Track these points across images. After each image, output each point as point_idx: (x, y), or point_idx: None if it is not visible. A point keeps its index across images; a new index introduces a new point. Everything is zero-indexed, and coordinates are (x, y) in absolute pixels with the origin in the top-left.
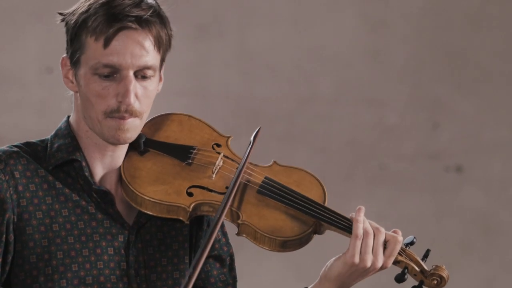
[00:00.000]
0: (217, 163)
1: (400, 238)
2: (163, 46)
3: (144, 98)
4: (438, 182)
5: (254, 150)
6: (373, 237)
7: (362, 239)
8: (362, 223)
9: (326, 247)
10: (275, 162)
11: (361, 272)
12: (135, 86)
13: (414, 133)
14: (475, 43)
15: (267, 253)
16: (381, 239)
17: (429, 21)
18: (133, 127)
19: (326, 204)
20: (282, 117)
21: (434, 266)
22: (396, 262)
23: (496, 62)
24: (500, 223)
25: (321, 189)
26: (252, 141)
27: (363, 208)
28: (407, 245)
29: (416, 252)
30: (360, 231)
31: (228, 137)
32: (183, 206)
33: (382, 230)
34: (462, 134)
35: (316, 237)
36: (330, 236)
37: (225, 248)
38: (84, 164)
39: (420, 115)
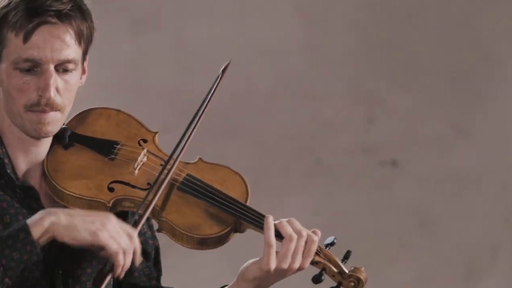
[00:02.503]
0: (139, 158)
1: (316, 238)
2: (84, 39)
3: (65, 92)
4: (374, 176)
5: (188, 146)
6: (295, 242)
7: (283, 243)
8: (273, 230)
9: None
10: (200, 159)
11: (278, 274)
12: (56, 80)
13: (350, 127)
14: (411, 38)
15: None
16: (302, 243)
17: (365, 16)
18: (54, 121)
19: (248, 203)
20: (218, 111)
21: (352, 268)
22: (314, 263)
23: (432, 57)
24: (435, 217)
25: (244, 188)
26: (221, 74)
27: (271, 217)
28: (327, 245)
29: (338, 253)
30: (272, 240)
31: (155, 133)
32: (103, 201)
33: (305, 234)
34: (397, 128)
35: (248, 231)
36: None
37: (150, 242)
38: (6, 161)
39: (356, 110)
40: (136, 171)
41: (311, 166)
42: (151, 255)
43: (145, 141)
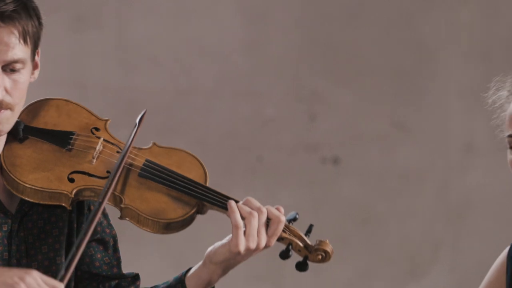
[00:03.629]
0: (97, 148)
1: (283, 217)
2: (30, 37)
3: (15, 91)
4: (316, 174)
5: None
6: (257, 219)
7: (245, 223)
8: (238, 212)
9: (204, 234)
10: (154, 143)
11: (246, 254)
12: (4, 80)
13: (291, 125)
14: (353, 36)
15: (146, 238)
16: (263, 219)
17: (307, 13)
18: (5, 120)
19: (207, 184)
20: (160, 109)
21: (318, 241)
22: (280, 239)
23: (373, 55)
24: (377, 215)
25: (202, 170)
26: (137, 123)
27: (232, 201)
28: (290, 221)
29: (299, 227)
30: (239, 221)
31: (106, 121)
32: (65, 192)
33: (264, 210)
34: (339, 126)
35: (195, 223)
36: (210, 221)
37: (108, 231)
38: None
39: (297, 107)
40: (95, 160)
41: (253, 163)
42: (109, 243)
43: (97, 129)
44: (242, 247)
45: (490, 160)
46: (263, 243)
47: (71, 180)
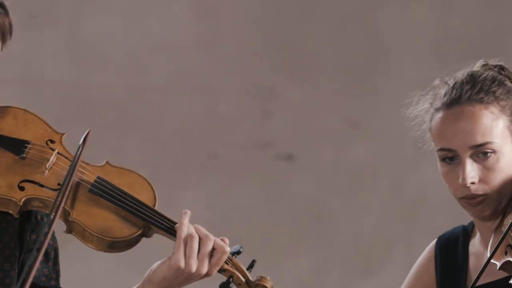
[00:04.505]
0: (51, 159)
1: (227, 248)
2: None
3: None
4: (269, 171)
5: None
6: (198, 242)
7: (187, 243)
8: (187, 226)
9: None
10: (107, 162)
11: (186, 277)
12: None
13: (245, 121)
14: (306, 32)
15: None
16: (209, 246)
17: (260, 9)
18: None
19: (156, 208)
20: (114, 105)
21: (259, 277)
22: (221, 270)
23: (327, 51)
24: (330, 212)
25: (152, 193)
26: (81, 144)
27: (188, 212)
28: (233, 254)
29: (243, 261)
30: (184, 234)
31: (62, 134)
32: (14, 199)
33: (211, 237)
34: (293, 122)
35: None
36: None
37: (51, 242)
38: None
39: (251, 104)
40: (47, 172)
41: (206, 160)
42: (50, 255)
43: (52, 141)
44: (182, 263)
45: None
46: (204, 269)
47: (21, 188)
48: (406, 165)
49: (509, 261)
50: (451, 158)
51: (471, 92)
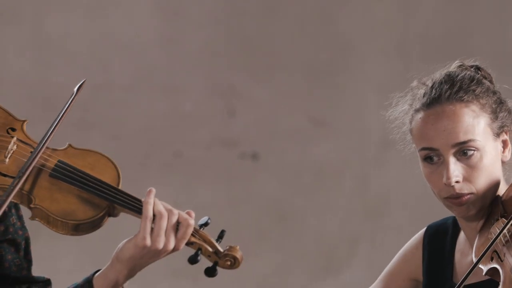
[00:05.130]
0: (9, 147)
1: (192, 221)
2: None
3: None
4: (234, 169)
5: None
6: (166, 219)
7: (155, 221)
8: (152, 204)
9: (122, 230)
10: (70, 145)
11: (153, 253)
12: None
13: (209, 120)
14: (270, 31)
15: (63, 237)
16: (173, 220)
17: (224, 8)
18: None
19: (120, 187)
20: (78, 104)
21: (228, 247)
22: (189, 244)
23: (291, 50)
24: (295, 210)
25: (116, 172)
26: (75, 92)
27: (153, 190)
28: (201, 226)
29: (211, 233)
30: (150, 213)
31: (24, 121)
32: None
33: (175, 212)
34: (257, 121)
35: (112, 221)
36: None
37: (20, 232)
38: None
39: (215, 103)
40: (7, 160)
41: (171, 159)
42: (21, 245)
43: (13, 129)
44: (148, 241)
45: (407, 155)
46: (171, 245)
47: None
48: (370, 164)
49: (494, 267)
50: (433, 158)
51: (451, 91)
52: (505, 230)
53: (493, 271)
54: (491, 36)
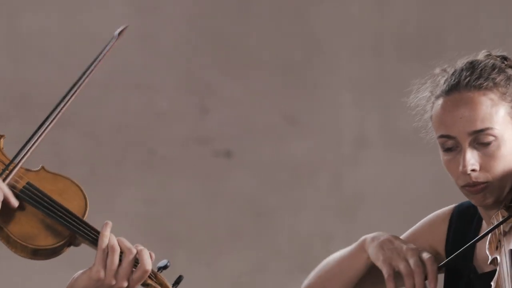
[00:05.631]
0: None
1: (148, 267)
2: None
3: None
4: (208, 167)
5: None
6: (119, 255)
7: (108, 255)
8: (108, 237)
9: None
10: (43, 167)
11: None
12: None
13: (183, 118)
14: (244, 28)
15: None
16: (129, 258)
17: (198, 5)
18: None
19: (86, 217)
20: (53, 102)
21: None
22: (145, 285)
23: (265, 47)
24: (269, 208)
25: (83, 201)
26: (116, 35)
27: (109, 223)
28: (160, 268)
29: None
30: (104, 245)
31: (1, 136)
32: None
33: (134, 251)
34: (231, 119)
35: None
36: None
37: None
38: None
39: (189, 100)
40: None
41: (145, 156)
42: None
43: None
44: (102, 274)
45: (381, 153)
46: (124, 283)
47: None
48: (344, 162)
49: (496, 257)
50: (451, 146)
51: (470, 78)
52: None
53: (495, 261)
54: (466, 34)
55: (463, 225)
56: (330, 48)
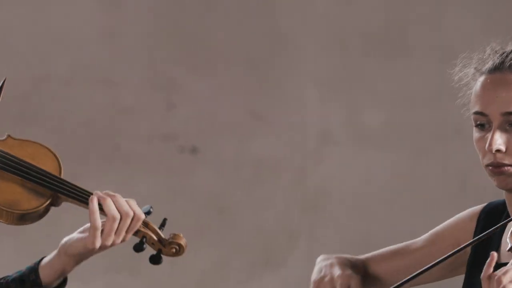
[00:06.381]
0: None
1: (143, 216)
2: None
3: None
4: (173, 163)
5: None
6: (118, 221)
7: (105, 222)
8: (98, 212)
9: (60, 224)
10: (9, 135)
11: (102, 249)
12: None
13: (148, 113)
14: (209, 24)
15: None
16: (127, 223)
17: (163, 1)
18: None
19: (62, 176)
20: (17, 97)
21: (171, 235)
22: (134, 233)
23: (230, 43)
24: (233, 204)
25: (56, 162)
26: None
27: (95, 198)
28: (144, 214)
29: (153, 220)
30: (98, 223)
31: None
32: None
33: (131, 214)
34: (197, 115)
35: (49, 215)
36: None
37: None
38: None
39: (154, 96)
40: None
41: (109, 152)
42: None
43: None
44: (97, 245)
45: (345, 149)
46: (119, 241)
47: None
48: (309, 158)
49: None
50: (483, 124)
51: None
52: None
53: None
54: (430, 30)
55: (491, 223)
56: (295, 44)
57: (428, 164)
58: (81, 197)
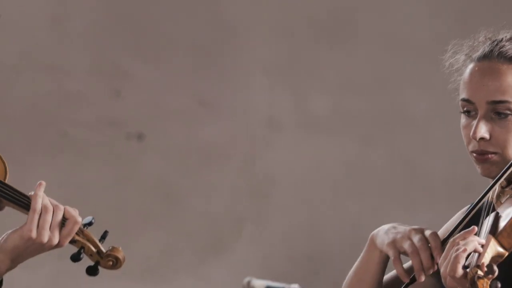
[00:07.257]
0: None
1: (79, 219)
2: None
3: None
4: (119, 150)
5: None
6: (52, 213)
7: (41, 215)
8: (41, 198)
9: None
10: None
11: (37, 246)
12: None
13: (95, 100)
14: (155, 10)
15: None
16: (59, 216)
17: None
18: None
19: (6, 181)
20: None
21: (110, 247)
22: (73, 242)
23: (176, 30)
24: (180, 191)
25: (2, 165)
26: None
27: (43, 183)
28: (85, 225)
29: (95, 232)
30: (38, 206)
31: None
32: None
33: (61, 207)
34: (143, 102)
35: None
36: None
37: None
38: None
39: (101, 82)
40: None
41: (56, 139)
42: None
43: None
44: (34, 233)
45: (293, 136)
46: (55, 240)
47: None
48: (256, 145)
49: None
50: (469, 111)
51: (503, 50)
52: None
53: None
54: (377, 17)
55: (477, 213)
56: (242, 30)
57: (375, 151)
58: (24, 202)
